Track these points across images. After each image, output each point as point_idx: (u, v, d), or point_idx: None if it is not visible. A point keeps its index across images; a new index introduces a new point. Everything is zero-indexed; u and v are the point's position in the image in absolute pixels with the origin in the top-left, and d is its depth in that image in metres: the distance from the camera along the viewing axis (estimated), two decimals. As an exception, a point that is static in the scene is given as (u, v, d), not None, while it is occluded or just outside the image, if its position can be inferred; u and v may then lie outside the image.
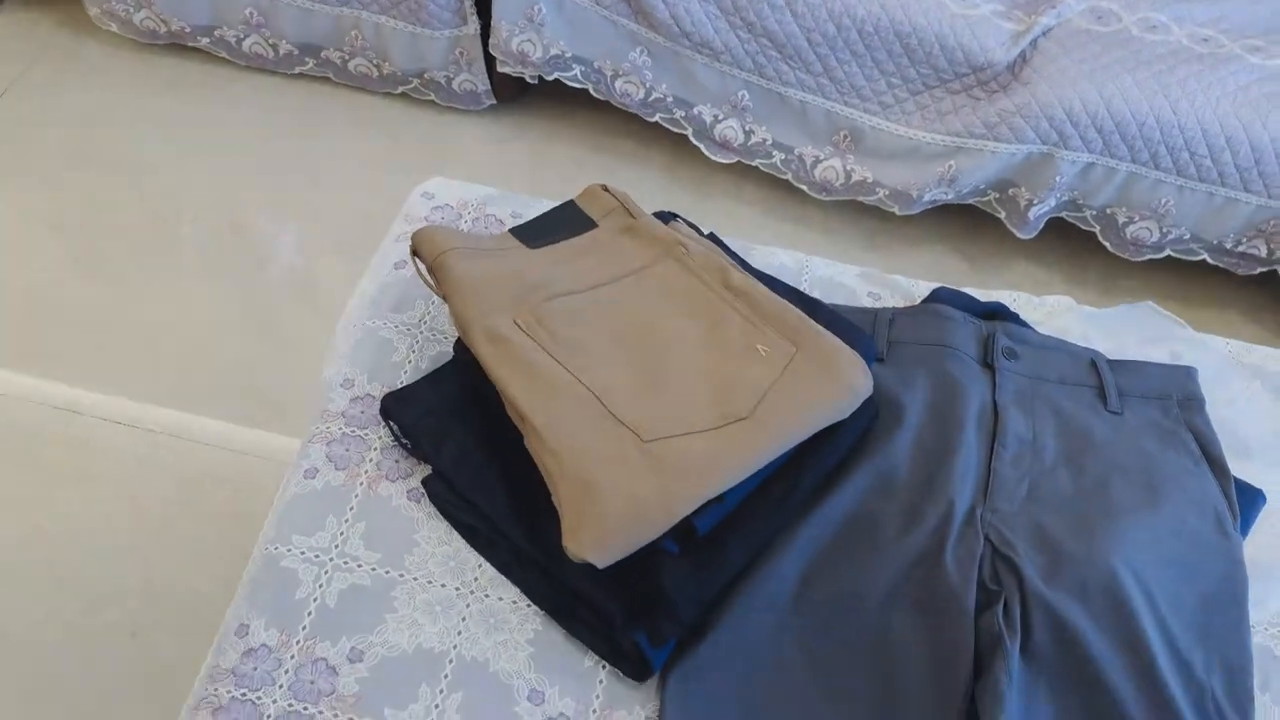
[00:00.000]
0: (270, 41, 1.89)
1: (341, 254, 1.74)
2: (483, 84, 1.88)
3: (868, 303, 1.10)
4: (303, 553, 0.86)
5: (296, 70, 1.95)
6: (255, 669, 0.80)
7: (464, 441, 0.88)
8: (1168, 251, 1.69)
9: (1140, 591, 0.85)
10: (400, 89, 1.93)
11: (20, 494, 1.42)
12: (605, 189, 1.01)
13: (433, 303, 1.03)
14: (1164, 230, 1.65)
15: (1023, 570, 0.84)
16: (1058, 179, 1.60)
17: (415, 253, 0.93)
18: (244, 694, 0.79)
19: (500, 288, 0.89)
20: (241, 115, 1.93)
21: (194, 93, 1.95)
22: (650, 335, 0.88)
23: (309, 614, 0.83)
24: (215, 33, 1.90)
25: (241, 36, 1.89)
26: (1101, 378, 1.00)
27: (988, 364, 0.99)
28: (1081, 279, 1.83)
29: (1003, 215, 1.73)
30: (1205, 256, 1.68)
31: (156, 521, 1.41)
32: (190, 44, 1.94)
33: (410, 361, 0.99)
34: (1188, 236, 1.65)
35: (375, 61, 1.88)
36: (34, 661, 1.28)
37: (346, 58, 1.89)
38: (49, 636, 1.30)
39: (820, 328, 0.88)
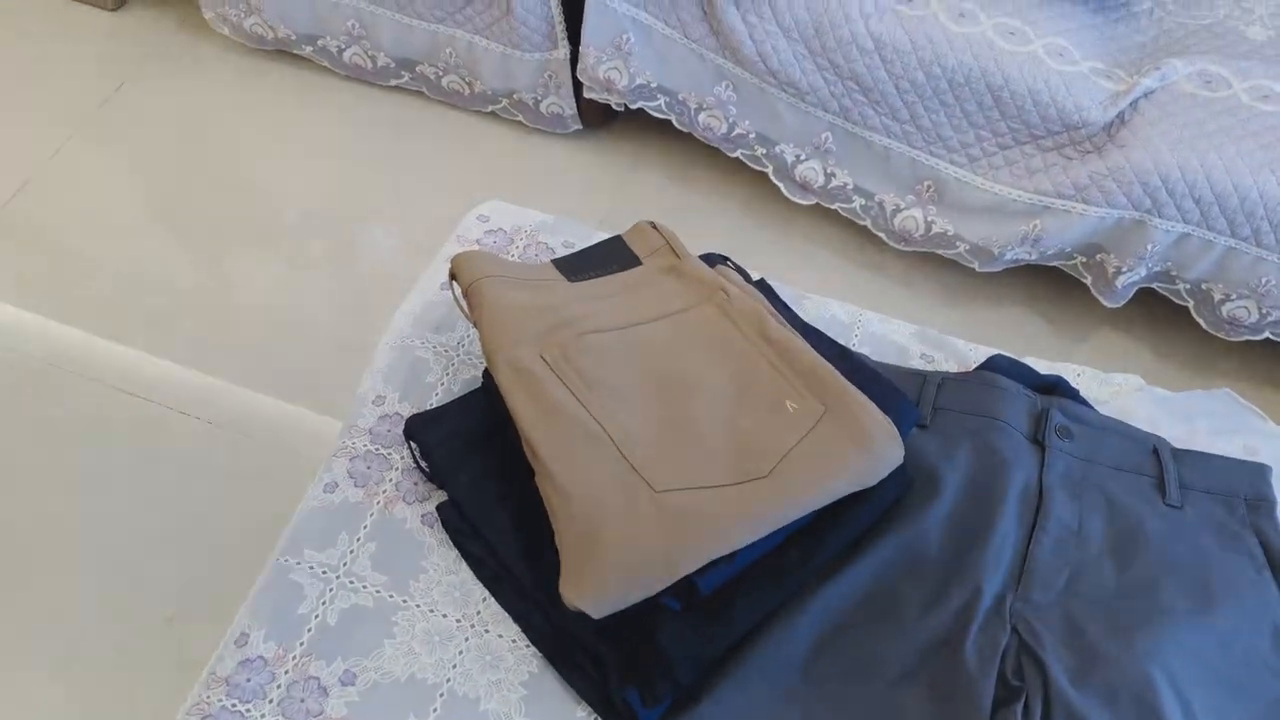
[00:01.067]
0: (369, 53, 1.93)
1: (420, 259, 1.76)
2: (569, 108, 1.88)
3: (919, 364, 1.06)
4: (311, 567, 0.86)
5: (392, 82, 1.99)
6: (249, 680, 0.80)
7: (480, 471, 0.88)
8: (1267, 334, 1.59)
9: (1178, 706, 0.78)
10: (490, 108, 1.96)
11: (81, 475, 1.47)
12: (654, 226, 0.99)
13: (471, 327, 1.02)
14: (1264, 311, 1.55)
15: (1049, 668, 0.79)
16: (1150, 248, 1.52)
17: (453, 276, 0.93)
18: (234, 705, 0.79)
19: (531, 319, 0.88)
20: (339, 121, 1.97)
21: (296, 97, 2.01)
22: (677, 381, 0.86)
23: (309, 630, 0.83)
24: (318, 41, 1.95)
25: (343, 46, 1.94)
26: (1163, 467, 0.94)
27: (1038, 441, 0.93)
28: (1170, 354, 1.74)
29: (1088, 280, 1.65)
30: (1308, 342, 1.58)
31: (204, 513, 1.44)
32: (295, 51, 2.00)
33: (443, 384, 0.98)
34: (1289, 319, 1.56)
35: (467, 79, 1.90)
36: (68, 638, 1.32)
37: (440, 73, 1.92)
38: (86, 614, 1.34)
39: (855, 389, 0.85)
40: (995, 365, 1.02)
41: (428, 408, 0.96)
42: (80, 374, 1.58)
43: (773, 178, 1.79)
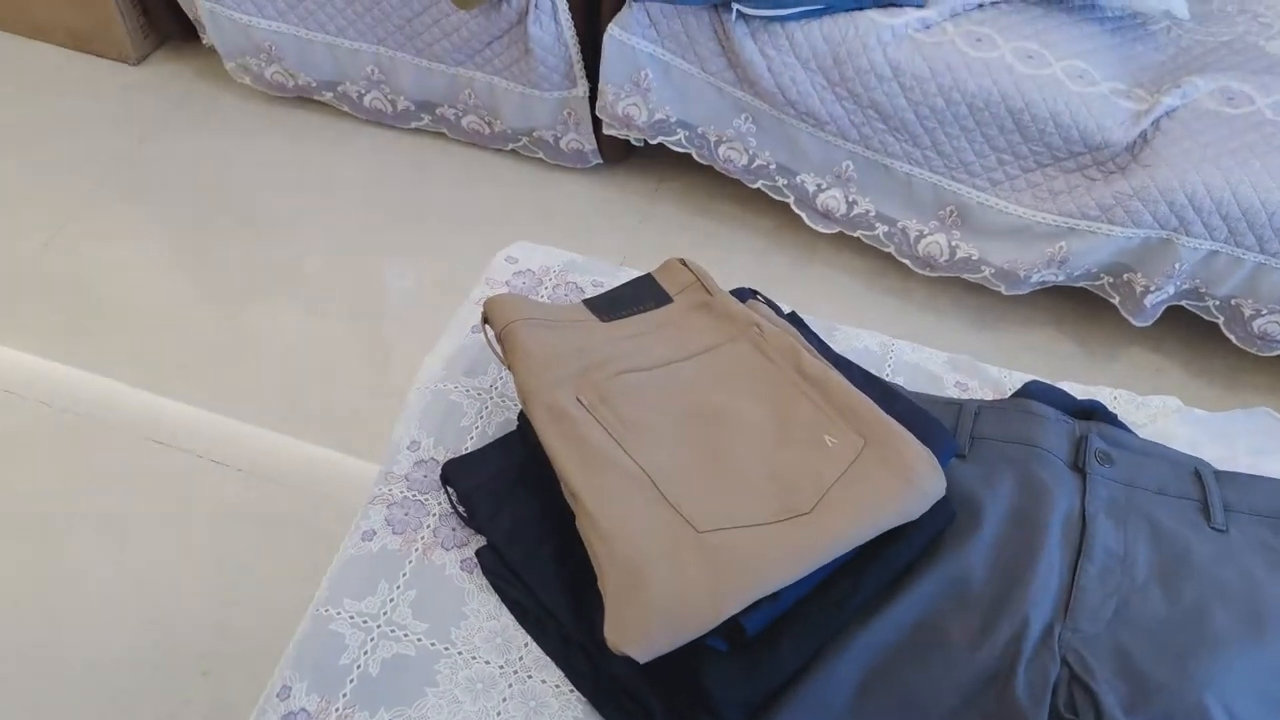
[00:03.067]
0: (389, 97, 1.96)
1: (448, 300, 1.78)
2: (589, 144, 1.90)
3: (954, 392, 1.05)
4: (351, 617, 0.86)
5: (413, 125, 2.01)
6: (294, 733, 0.80)
7: (520, 515, 0.87)
8: (1300, 348, 1.58)
9: (1235, 734, 0.77)
10: (510, 146, 1.97)
11: (114, 524, 1.48)
12: (684, 263, 0.99)
13: (504, 369, 1.03)
14: (1296, 325, 1.54)
15: (1101, 699, 0.78)
16: (1177, 266, 1.51)
17: (486, 320, 0.93)
18: (280, 758, 0.78)
19: (566, 361, 0.88)
20: (360, 165, 2.00)
21: (317, 142, 2.03)
22: (715, 418, 0.86)
23: (351, 681, 0.82)
24: (338, 88, 1.97)
25: (363, 91, 1.96)
26: (1206, 490, 0.92)
27: (1079, 468, 0.92)
28: (1203, 371, 1.72)
29: (1116, 300, 1.64)
30: (1343, 355, 1.56)
31: (239, 562, 1.45)
32: (316, 97, 2.03)
33: (477, 427, 0.98)
34: (1323, 333, 1.54)
35: (487, 119, 1.92)
36: (105, 691, 1.32)
37: (460, 114, 1.94)
38: (122, 666, 1.34)
39: (893, 421, 0.84)
40: (1031, 392, 1.01)
41: (463, 452, 0.96)
42: (111, 424, 1.59)
43: (794, 207, 1.79)
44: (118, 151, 2.01)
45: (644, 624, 0.73)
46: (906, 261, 1.75)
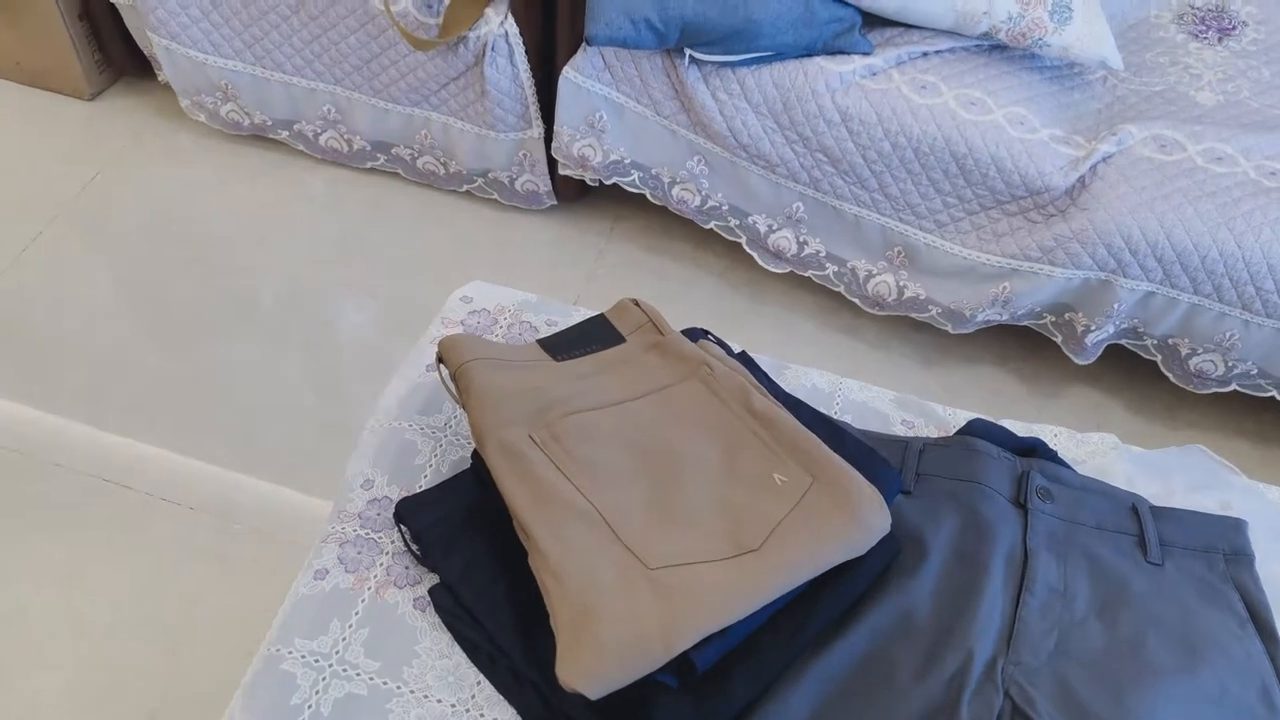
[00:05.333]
0: (345, 137, 1.97)
1: (401, 339, 1.78)
2: (544, 185, 1.92)
3: (901, 430, 1.07)
4: (303, 656, 0.85)
5: (368, 165, 2.02)
6: (243, 775, 0.79)
7: (472, 553, 0.88)
8: (1234, 386, 1.63)
9: (1171, 763, 0.79)
10: (465, 187, 1.99)
11: (58, 566, 1.45)
12: (636, 303, 1.01)
13: (458, 408, 1.03)
14: (1229, 364, 1.59)
15: (1044, 736, 0.80)
16: (1116, 306, 1.56)
17: (441, 359, 0.94)
18: (228, 801, 0.77)
19: (519, 401, 0.89)
20: (316, 204, 2.00)
21: (272, 181, 2.03)
22: (667, 457, 0.87)
23: (302, 721, 0.82)
24: (294, 126, 1.98)
25: (319, 131, 1.97)
26: (1143, 525, 0.95)
27: (1020, 504, 0.95)
28: (1142, 408, 1.77)
29: (1059, 339, 1.69)
30: (1274, 393, 1.62)
31: (188, 604, 1.43)
32: (271, 135, 2.03)
33: (431, 465, 0.99)
34: (1255, 371, 1.59)
35: (442, 160, 1.93)
36: (53, 737, 1.29)
37: (415, 155, 1.95)
38: (65, 711, 1.31)
39: (840, 459, 0.86)
40: (974, 429, 1.03)
41: (417, 490, 0.96)
42: (57, 462, 1.57)
43: (746, 248, 1.82)
44: (70, 187, 1.99)
45: (595, 660, 0.74)
46: (856, 300, 1.78)
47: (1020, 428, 1.08)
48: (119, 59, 2.12)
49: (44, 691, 1.33)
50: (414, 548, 0.91)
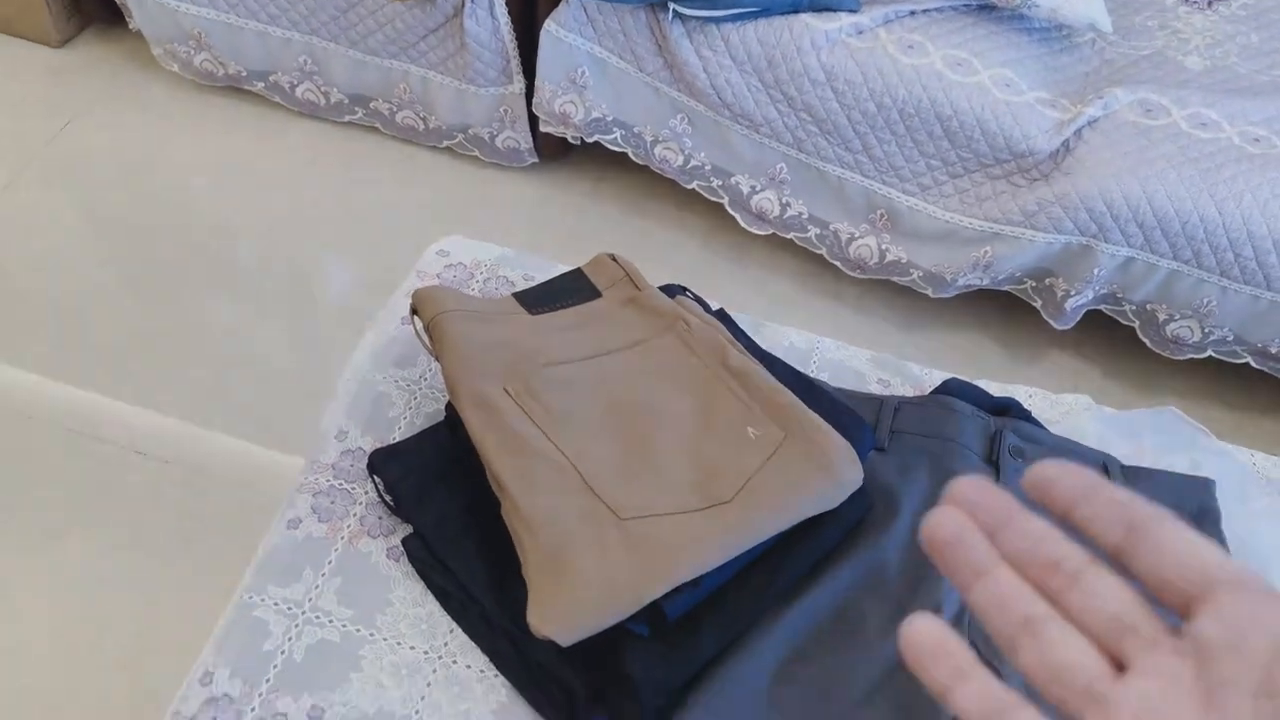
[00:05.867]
0: (322, 89, 1.94)
1: (378, 295, 1.76)
2: (525, 142, 1.90)
3: (877, 389, 1.08)
4: (276, 604, 0.85)
5: (346, 119, 1.99)
6: (214, 719, 0.79)
7: (445, 504, 0.88)
8: (1209, 352, 1.64)
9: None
10: (445, 143, 1.97)
11: (34, 519, 1.44)
12: (614, 258, 1.01)
13: (433, 360, 1.03)
14: (1206, 330, 1.60)
15: (1008, 682, 0.80)
16: (1096, 271, 1.57)
17: (415, 311, 0.93)
18: (198, 746, 0.78)
19: (494, 353, 0.88)
20: (291, 158, 1.97)
21: (247, 133, 2.00)
22: (641, 411, 0.87)
23: (275, 667, 0.82)
24: (270, 78, 1.95)
25: (295, 83, 1.94)
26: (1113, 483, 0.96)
27: (993, 462, 0.95)
28: (1119, 373, 1.78)
29: (1039, 304, 1.69)
30: (1249, 360, 1.63)
31: (163, 553, 1.42)
32: (246, 87, 2.00)
33: (405, 418, 0.98)
34: (1230, 338, 1.60)
35: (422, 115, 1.91)
36: (23, 683, 1.29)
37: (394, 109, 1.92)
38: (41, 658, 1.31)
39: (814, 414, 0.86)
40: (949, 388, 1.04)
41: (391, 442, 0.96)
42: (30, 416, 1.55)
43: (729, 208, 1.81)
44: (40, 137, 1.96)
45: (566, 609, 0.74)
46: (838, 264, 1.78)
47: (995, 388, 1.08)
48: (88, 5, 2.08)
49: (25, 644, 1.33)
50: (387, 498, 0.90)
